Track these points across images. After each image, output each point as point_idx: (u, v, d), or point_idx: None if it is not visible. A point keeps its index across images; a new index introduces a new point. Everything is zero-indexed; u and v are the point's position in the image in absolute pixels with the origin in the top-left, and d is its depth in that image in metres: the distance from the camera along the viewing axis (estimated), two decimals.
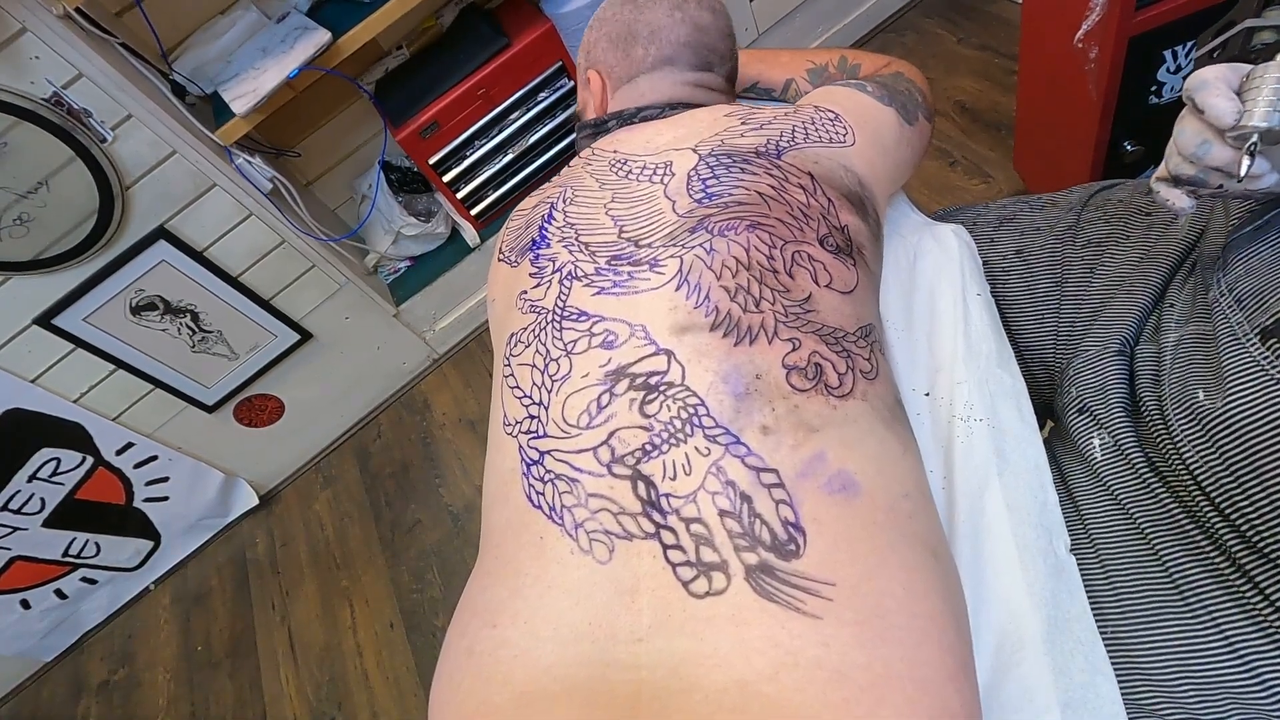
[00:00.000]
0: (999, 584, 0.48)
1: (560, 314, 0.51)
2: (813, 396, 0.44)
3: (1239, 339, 0.46)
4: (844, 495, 0.41)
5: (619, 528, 0.42)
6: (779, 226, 0.51)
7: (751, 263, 0.49)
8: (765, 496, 0.40)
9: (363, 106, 1.61)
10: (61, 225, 1.25)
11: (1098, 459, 0.54)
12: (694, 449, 0.42)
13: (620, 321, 0.48)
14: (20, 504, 1.53)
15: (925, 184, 1.52)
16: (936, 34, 1.74)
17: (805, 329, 0.47)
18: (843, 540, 0.40)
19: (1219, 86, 0.43)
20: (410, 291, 1.73)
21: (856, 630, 0.37)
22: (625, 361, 0.46)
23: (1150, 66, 0.98)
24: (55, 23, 1.10)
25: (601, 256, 0.53)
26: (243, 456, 1.77)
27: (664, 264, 0.50)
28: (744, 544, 0.39)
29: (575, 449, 0.45)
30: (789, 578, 0.38)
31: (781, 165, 0.55)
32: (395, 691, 1.39)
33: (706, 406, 0.43)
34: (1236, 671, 0.44)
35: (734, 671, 0.37)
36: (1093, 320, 0.62)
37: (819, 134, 0.60)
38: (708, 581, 0.39)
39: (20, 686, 1.80)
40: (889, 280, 0.65)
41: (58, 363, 1.42)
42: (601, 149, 0.65)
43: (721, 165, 0.55)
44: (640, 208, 0.55)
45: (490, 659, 0.42)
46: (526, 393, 0.50)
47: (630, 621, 0.40)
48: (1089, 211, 0.67)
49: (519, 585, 0.44)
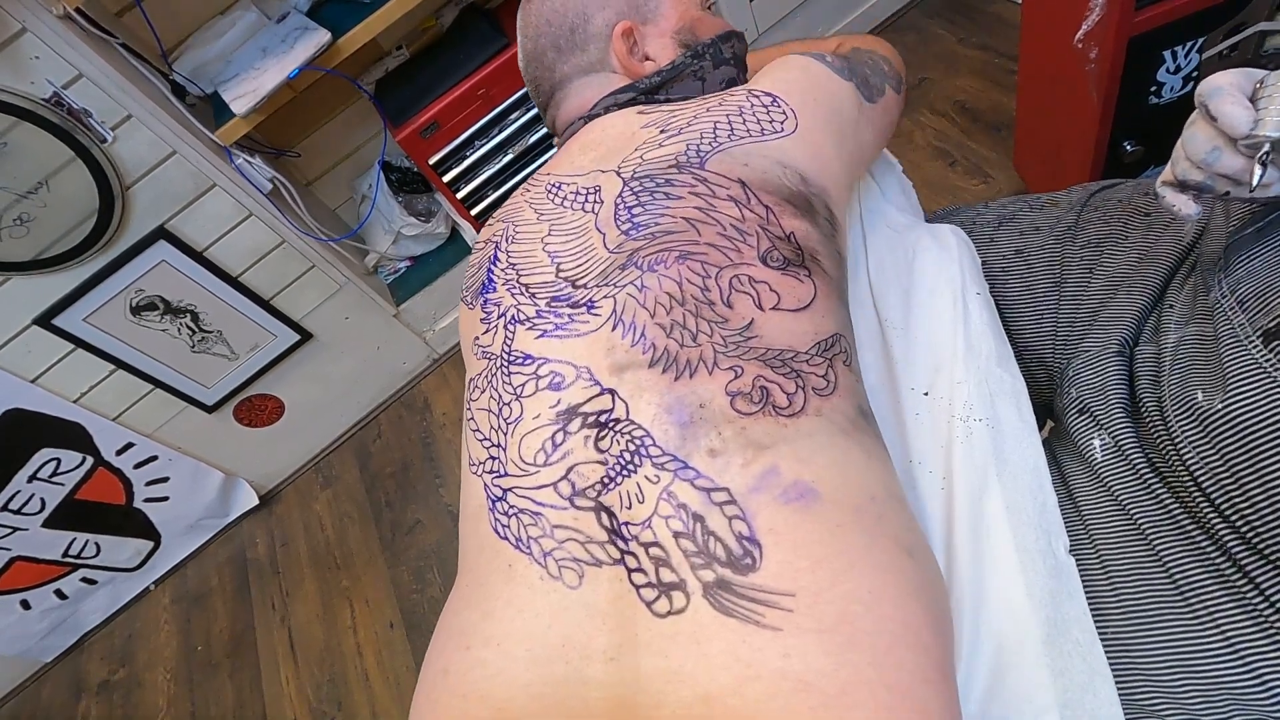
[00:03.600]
0: (998, 585, 0.48)
1: (507, 359, 0.51)
2: (760, 419, 0.44)
3: (1241, 341, 0.46)
4: (802, 503, 0.41)
5: (588, 555, 0.43)
6: (711, 253, 0.49)
7: (685, 297, 0.47)
8: (718, 514, 0.41)
9: (363, 106, 1.61)
10: (61, 225, 1.25)
11: (1098, 459, 0.54)
12: (644, 478, 0.43)
13: (565, 363, 0.48)
14: (20, 504, 1.53)
15: (925, 184, 1.52)
16: (936, 34, 1.74)
17: (747, 356, 0.46)
18: (802, 548, 0.40)
19: (1232, 93, 0.42)
20: (410, 291, 1.73)
21: (820, 638, 0.37)
22: (575, 402, 0.47)
23: (1150, 67, 0.98)
24: (55, 23, 1.10)
25: (542, 298, 0.53)
26: (243, 456, 1.77)
27: (599, 305, 0.49)
28: (700, 562, 0.40)
29: (535, 485, 0.46)
30: (746, 591, 0.39)
31: (707, 177, 0.52)
32: (395, 691, 1.39)
33: (652, 437, 0.43)
34: (1237, 672, 0.44)
35: (699, 687, 0.37)
36: (1092, 321, 0.62)
37: (748, 127, 0.55)
38: (669, 601, 0.40)
39: (20, 687, 1.80)
40: (887, 278, 0.65)
41: (58, 363, 1.42)
42: (539, 175, 0.63)
43: (645, 190, 0.53)
44: (574, 242, 0.55)
45: (467, 678, 0.43)
46: (486, 435, 0.51)
47: (602, 642, 0.41)
48: (1089, 212, 0.67)
49: (491, 609, 0.45)
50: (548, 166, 0.63)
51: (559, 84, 0.69)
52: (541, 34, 0.69)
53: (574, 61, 0.68)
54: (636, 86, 0.64)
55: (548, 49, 0.69)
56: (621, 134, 0.59)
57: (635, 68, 0.66)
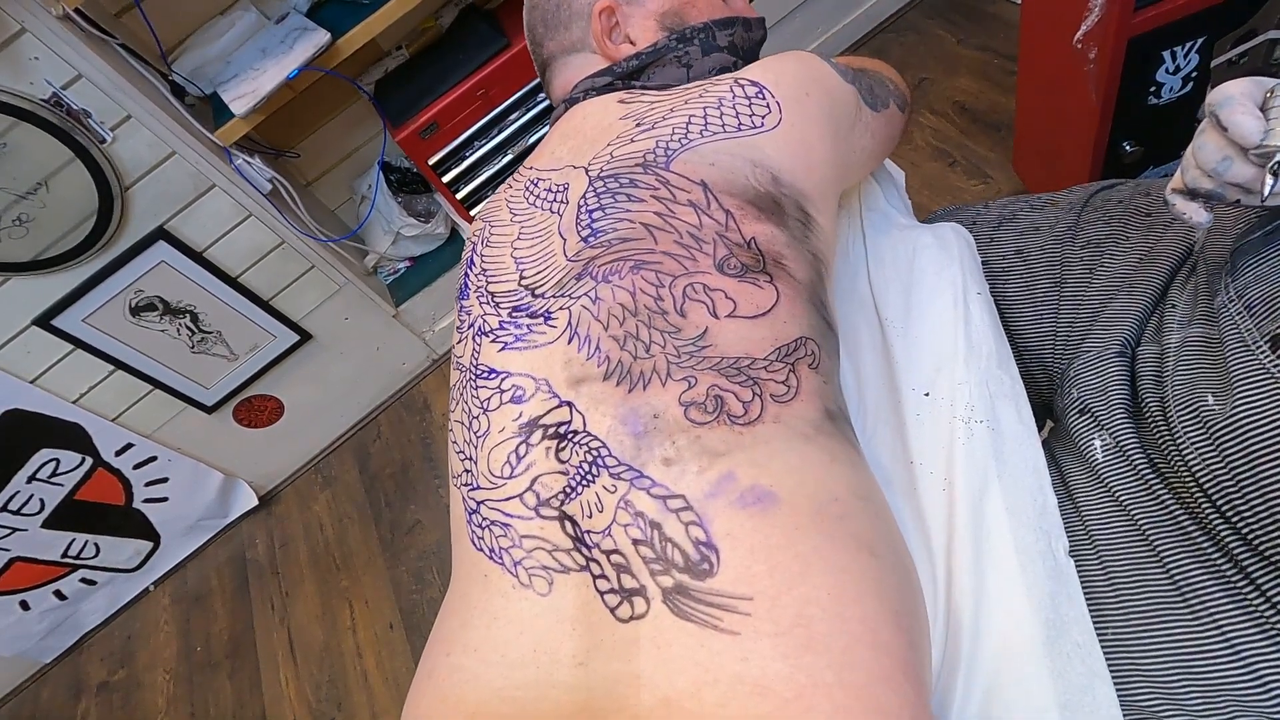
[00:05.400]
0: (998, 586, 0.48)
1: (475, 373, 0.52)
2: (715, 427, 0.44)
3: (1248, 345, 0.46)
4: (759, 507, 0.41)
5: (555, 563, 0.44)
6: (666, 261, 0.48)
7: (638, 308, 0.47)
8: (674, 520, 0.41)
9: (362, 107, 1.61)
10: (61, 226, 1.25)
11: (1099, 460, 0.54)
12: (602, 488, 0.43)
13: (525, 376, 0.49)
14: (20, 505, 1.53)
15: (925, 184, 1.52)
16: (936, 34, 1.74)
17: (700, 366, 0.45)
18: (760, 551, 0.40)
19: (1243, 102, 0.42)
20: (410, 292, 1.73)
21: (776, 641, 0.37)
22: (536, 414, 0.47)
23: (1150, 67, 0.98)
24: (55, 23, 1.10)
25: (504, 308, 0.53)
26: (242, 457, 1.77)
27: (555, 316, 0.49)
28: (658, 568, 0.40)
29: (503, 497, 0.47)
30: (704, 596, 0.39)
31: (669, 179, 0.50)
32: (395, 692, 1.39)
33: (608, 448, 0.44)
34: (1239, 674, 0.44)
35: (659, 691, 0.38)
36: (1093, 321, 0.62)
37: (724, 120, 0.52)
38: (630, 607, 0.40)
39: (20, 687, 1.80)
40: (888, 278, 0.64)
41: (57, 363, 1.42)
42: (525, 167, 0.62)
43: (608, 191, 0.52)
44: (537, 246, 0.54)
45: (446, 682, 0.45)
46: (461, 448, 0.51)
47: (571, 647, 0.42)
48: (1089, 212, 0.67)
49: (469, 617, 0.46)
50: (533, 155, 0.62)
51: (547, 62, 0.69)
52: (535, 7, 0.68)
53: (559, 40, 0.67)
54: (614, 70, 0.62)
55: (538, 24, 0.68)
56: (598, 125, 0.57)
57: (611, 50, 0.63)
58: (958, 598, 0.48)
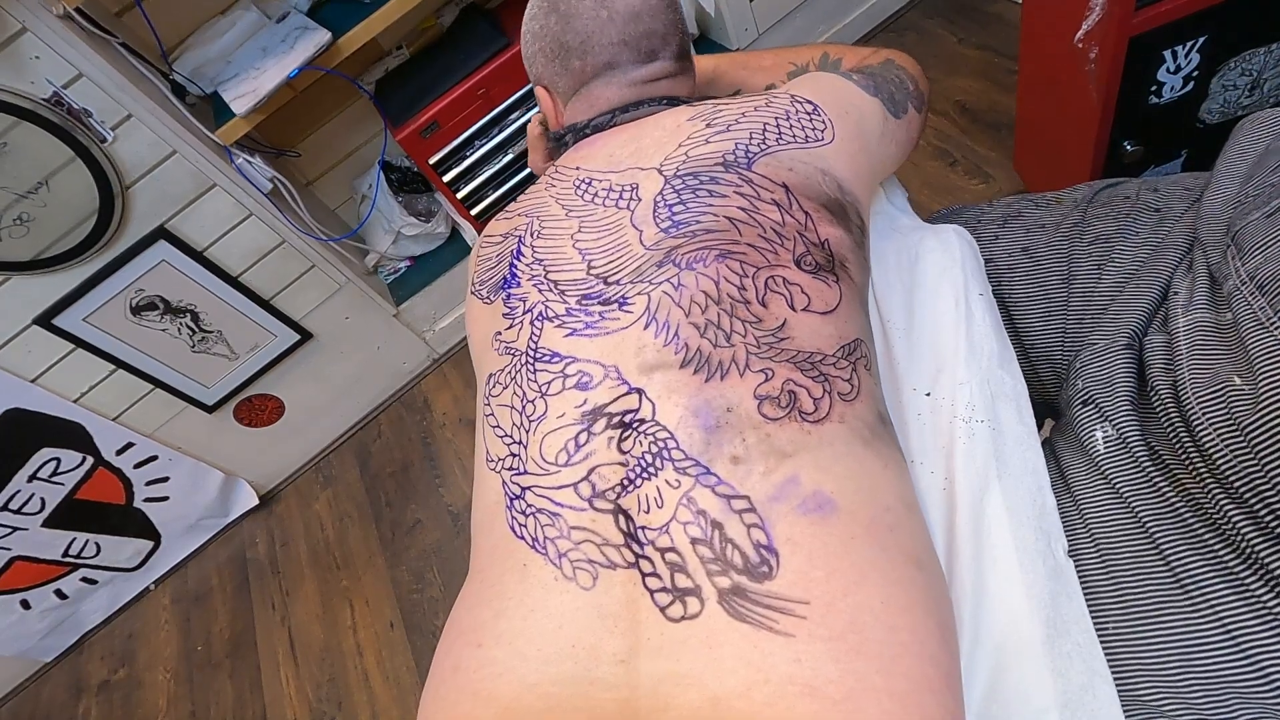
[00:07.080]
0: (999, 586, 0.48)
1: (533, 356, 0.51)
2: (785, 424, 0.44)
3: (1264, 324, 0.46)
4: (819, 515, 0.41)
5: (603, 557, 0.43)
6: (750, 253, 0.49)
7: (721, 296, 0.48)
8: (737, 522, 0.41)
9: (363, 106, 1.61)
10: (61, 225, 1.25)
11: (1100, 451, 0.54)
12: (664, 482, 0.43)
13: (594, 363, 0.48)
14: (20, 504, 1.53)
15: (925, 184, 1.52)
16: (936, 34, 1.74)
17: (779, 358, 0.46)
18: (818, 558, 0.40)
19: None
20: (410, 291, 1.73)
21: (830, 645, 0.38)
22: (601, 402, 0.47)
23: (1150, 66, 0.98)
24: (55, 23, 1.10)
25: (571, 296, 0.53)
26: (243, 456, 1.77)
27: (632, 301, 0.49)
28: (716, 569, 0.40)
29: (555, 485, 0.46)
30: (761, 598, 0.39)
31: (753, 179, 0.52)
32: (395, 691, 1.39)
33: (676, 440, 0.44)
34: (1240, 666, 0.44)
35: (707, 690, 0.38)
36: (1101, 317, 0.61)
37: (794, 132, 0.56)
38: (683, 606, 0.40)
39: (20, 687, 1.80)
40: (890, 280, 0.65)
41: (58, 363, 1.42)
42: (564, 166, 0.62)
43: (688, 188, 0.53)
44: (607, 238, 0.54)
45: (476, 676, 0.44)
46: (507, 431, 0.51)
47: (613, 644, 0.41)
48: (1095, 208, 0.66)
49: (503, 607, 0.45)
50: (573, 159, 0.62)
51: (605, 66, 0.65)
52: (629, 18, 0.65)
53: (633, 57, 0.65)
54: None
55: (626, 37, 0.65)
56: (667, 130, 0.59)
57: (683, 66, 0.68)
58: (958, 597, 0.49)
